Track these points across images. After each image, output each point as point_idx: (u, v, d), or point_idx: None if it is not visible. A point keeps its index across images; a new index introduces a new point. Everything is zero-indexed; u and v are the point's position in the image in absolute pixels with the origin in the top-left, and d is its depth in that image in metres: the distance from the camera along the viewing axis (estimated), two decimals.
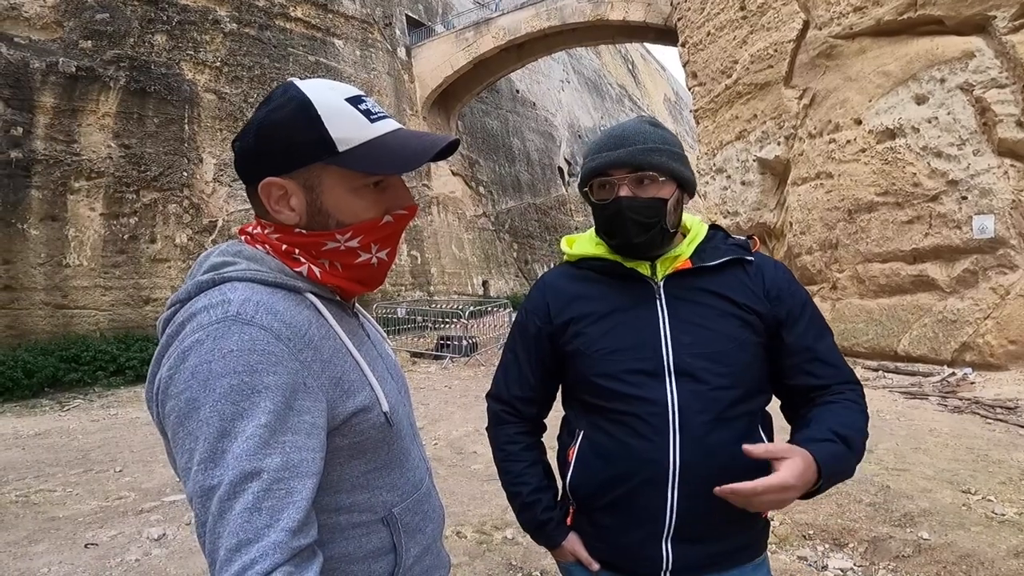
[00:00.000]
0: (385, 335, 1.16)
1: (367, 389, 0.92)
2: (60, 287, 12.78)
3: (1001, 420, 5.88)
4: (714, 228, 1.39)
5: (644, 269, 1.31)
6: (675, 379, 1.23)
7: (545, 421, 1.49)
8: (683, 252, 1.31)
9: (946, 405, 6.68)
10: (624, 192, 1.25)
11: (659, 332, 1.26)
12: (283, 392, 0.80)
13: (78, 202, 13.13)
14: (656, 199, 1.25)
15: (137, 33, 14.53)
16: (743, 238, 1.38)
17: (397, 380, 1.06)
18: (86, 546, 3.88)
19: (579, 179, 1.36)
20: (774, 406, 1.36)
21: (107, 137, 13.67)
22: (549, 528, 1.35)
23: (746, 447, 1.11)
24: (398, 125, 0.95)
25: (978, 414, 6.19)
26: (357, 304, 1.08)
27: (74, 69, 13.18)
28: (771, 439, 1.30)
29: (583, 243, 1.40)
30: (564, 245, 1.45)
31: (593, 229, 1.41)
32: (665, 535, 1.23)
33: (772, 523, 3.64)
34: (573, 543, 1.34)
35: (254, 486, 0.75)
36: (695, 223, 1.38)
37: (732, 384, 1.24)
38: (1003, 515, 3.59)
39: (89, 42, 13.69)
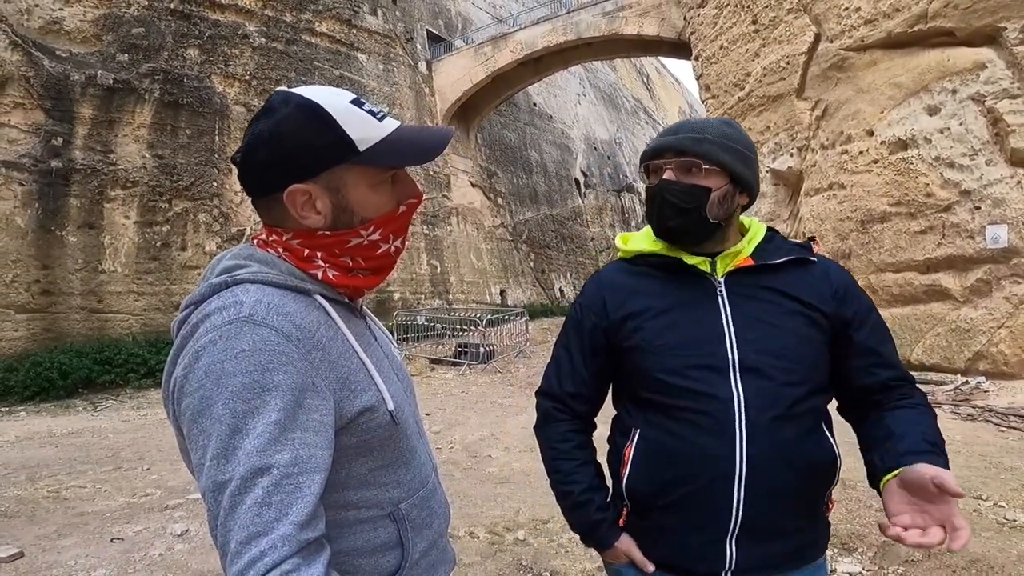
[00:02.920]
0: (391, 338, 1.17)
1: (373, 389, 0.93)
2: (96, 292, 13.00)
3: (1015, 428, 5.75)
4: (772, 230, 1.35)
5: (704, 266, 1.26)
6: (740, 375, 1.18)
7: (596, 420, 1.44)
8: (744, 250, 1.27)
9: (959, 413, 6.54)
10: (667, 176, 1.23)
11: (723, 328, 1.22)
12: (293, 391, 0.80)
13: (114, 210, 13.36)
14: (698, 186, 1.22)
15: (171, 47, 14.79)
16: (805, 240, 1.35)
17: (403, 380, 1.06)
18: (112, 540, 3.92)
19: (639, 162, 1.33)
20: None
21: (142, 148, 13.91)
22: (602, 529, 1.29)
23: (940, 480, 1.04)
24: (399, 122, 0.97)
25: (991, 422, 6.06)
26: (364, 307, 1.09)
27: (111, 81, 13.45)
28: (833, 436, 1.27)
29: (639, 240, 1.36)
30: (619, 242, 1.41)
31: (649, 227, 1.37)
32: (730, 534, 1.17)
33: None
34: (627, 544, 1.28)
35: (264, 481, 0.76)
36: (754, 223, 1.33)
37: (799, 381, 1.19)
38: (1014, 521, 3.51)
39: (126, 55, 13.97)
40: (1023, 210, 7.96)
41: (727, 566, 1.18)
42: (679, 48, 18.17)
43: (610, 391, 1.41)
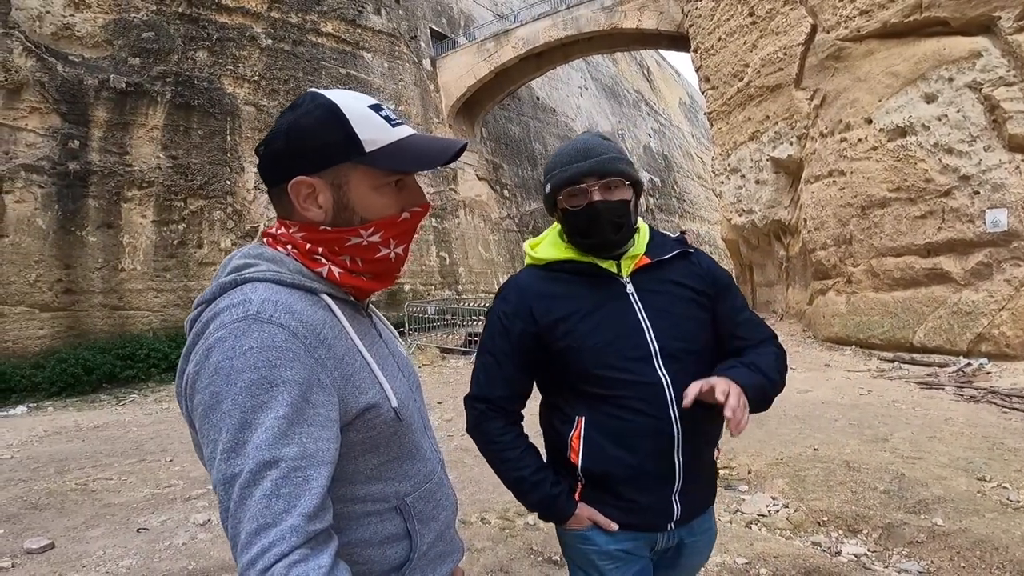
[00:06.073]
0: (397, 335, 1.17)
1: (377, 386, 0.93)
2: (116, 290, 13.08)
3: (1017, 409, 5.69)
4: (650, 228, 1.54)
5: (613, 268, 1.42)
6: (663, 361, 1.35)
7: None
8: (639, 250, 1.45)
9: (962, 395, 6.48)
10: (597, 197, 1.37)
11: (640, 322, 1.38)
12: (300, 386, 0.81)
13: (131, 210, 13.41)
14: (623, 201, 1.39)
15: (180, 50, 14.77)
16: (678, 234, 1.56)
17: (408, 377, 1.07)
18: (138, 531, 3.96)
19: (549, 189, 1.43)
20: None
21: (156, 149, 13.94)
22: (561, 500, 1.39)
23: (687, 392, 1.27)
24: (413, 130, 0.98)
25: (994, 403, 5.99)
26: (371, 305, 1.09)
27: (124, 85, 13.46)
28: None
29: (548, 248, 1.48)
30: (528, 248, 1.52)
31: (552, 234, 1.50)
32: (675, 492, 1.37)
33: (788, 510, 3.59)
34: (587, 509, 1.40)
35: (273, 474, 0.76)
36: (640, 224, 1.50)
37: (700, 359, 1.40)
38: (1018, 502, 3.47)
39: (137, 59, 13.97)
40: (1022, 194, 7.87)
41: (674, 517, 1.39)
42: (678, 41, 18.01)
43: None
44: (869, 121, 9.45)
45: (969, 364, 7.73)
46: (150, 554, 3.58)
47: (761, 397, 1.35)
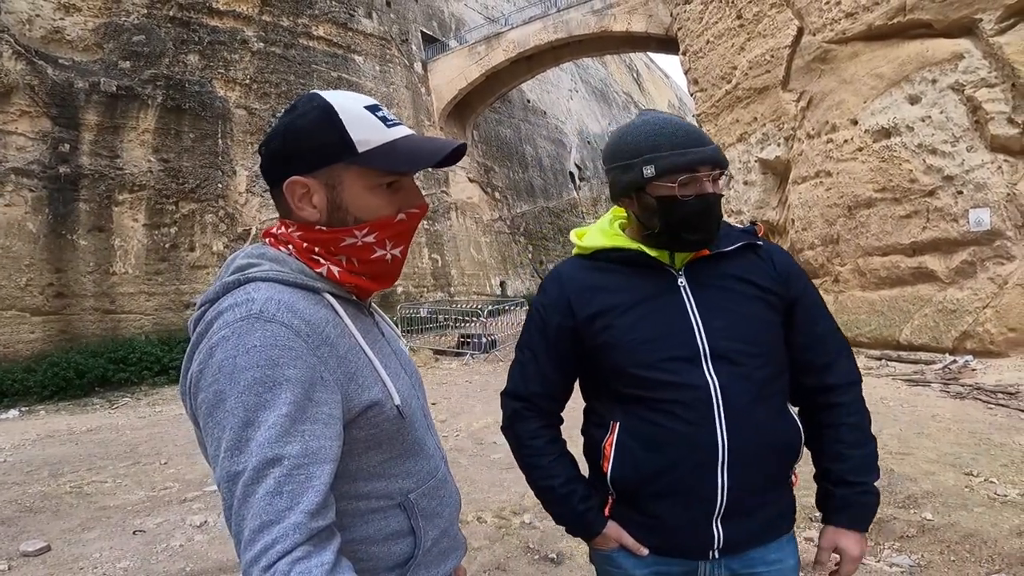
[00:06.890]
0: (400, 333, 1.16)
1: (379, 384, 0.93)
2: (108, 293, 12.97)
3: (1002, 405, 5.76)
4: None
5: (664, 258, 1.25)
6: (712, 363, 1.18)
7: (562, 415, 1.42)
8: None
9: (948, 391, 6.55)
10: (710, 189, 1.20)
11: (689, 319, 1.21)
12: (302, 384, 0.81)
13: (122, 214, 13.31)
14: (721, 194, 1.24)
15: (171, 53, 14.67)
16: (748, 224, 1.36)
17: (410, 375, 1.07)
18: (134, 533, 3.93)
19: (653, 171, 1.18)
20: None
21: (147, 152, 13.84)
22: (589, 517, 1.28)
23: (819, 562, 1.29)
24: (410, 131, 0.98)
25: (980, 399, 6.06)
26: (373, 304, 1.09)
27: (115, 88, 13.36)
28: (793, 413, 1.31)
29: (595, 236, 1.33)
30: (575, 238, 1.38)
31: (604, 220, 1.36)
32: (716, 516, 1.19)
33: None
34: (616, 529, 1.27)
35: (276, 471, 0.76)
36: None
37: (766, 364, 1.21)
38: (1005, 496, 3.51)
39: (128, 62, 13.86)
40: (1005, 193, 7.96)
41: (716, 545, 1.21)
42: (667, 44, 18.08)
43: (576, 383, 1.40)
44: (855, 122, 9.54)
45: (955, 361, 7.81)
46: (147, 556, 3.55)
47: (875, 502, 1.30)
